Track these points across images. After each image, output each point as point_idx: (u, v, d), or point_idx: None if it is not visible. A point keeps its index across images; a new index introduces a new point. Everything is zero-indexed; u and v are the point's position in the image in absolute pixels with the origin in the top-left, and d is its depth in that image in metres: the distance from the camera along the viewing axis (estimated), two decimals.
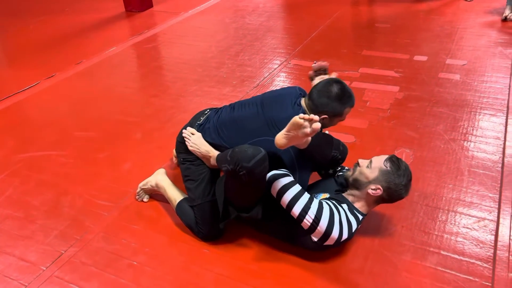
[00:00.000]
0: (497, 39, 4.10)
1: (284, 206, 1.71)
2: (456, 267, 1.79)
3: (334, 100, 1.87)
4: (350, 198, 1.84)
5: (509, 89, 3.19)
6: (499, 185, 2.24)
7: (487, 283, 1.72)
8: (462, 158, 2.46)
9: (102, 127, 2.98)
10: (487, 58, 3.69)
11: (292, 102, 1.92)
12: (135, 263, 1.89)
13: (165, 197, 2.16)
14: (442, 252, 1.87)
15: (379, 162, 1.79)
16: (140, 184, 2.25)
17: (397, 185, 1.75)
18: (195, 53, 4.19)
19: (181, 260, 1.89)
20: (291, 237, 1.87)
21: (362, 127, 2.81)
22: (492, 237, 1.93)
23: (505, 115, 2.86)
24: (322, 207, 1.69)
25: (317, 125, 1.53)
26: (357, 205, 1.82)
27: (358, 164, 1.85)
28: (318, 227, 1.67)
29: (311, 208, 1.67)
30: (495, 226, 1.99)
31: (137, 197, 2.26)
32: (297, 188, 1.72)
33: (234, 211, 1.85)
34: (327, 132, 2.27)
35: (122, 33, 4.86)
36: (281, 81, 3.52)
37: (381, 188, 1.75)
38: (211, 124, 2.02)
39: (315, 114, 1.81)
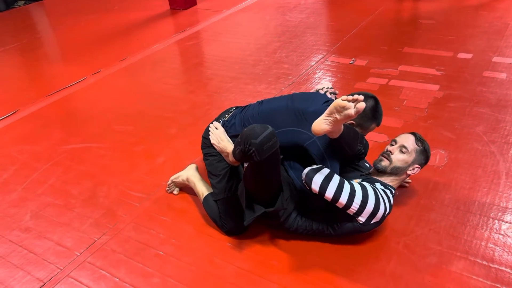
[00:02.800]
0: None
1: (330, 199, 1.72)
2: (483, 274, 1.73)
3: (367, 113, 1.94)
4: (380, 178, 1.91)
5: None
6: None
7: None
8: (501, 161, 2.35)
9: (140, 121, 3.10)
10: None
11: (322, 101, 1.94)
12: (161, 253, 1.96)
13: (194, 191, 2.22)
14: (469, 257, 1.81)
15: (412, 144, 1.93)
16: (172, 177, 2.33)
17: (427, 159, 1.98)
18: (233, 50, 4.24)
19: (205, 252, 1.95)
20: (331, 227, 1.86)
21: (396, 126, 2.74)
22: None
23: None
24: (366, 189, 1.75)
25: (362, 105, 1.54)
26: (389, 181, 1.91)
27: (389, 152, 1.91)
28: (366, 208, 1.73)
29: (356, 194, 1.72)
30: None
31: (167, 189, 2.34)
32: (337, 177, 1.74)
33: (259, 208, 1.84)
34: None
35: (166, 31, 5.00)
36: (317, 78, 3.50)
37: (419, 166, 1.94)
38: (237, 119, 2.07)
39: None
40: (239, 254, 1.92)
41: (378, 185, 1.85)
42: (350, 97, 1.55)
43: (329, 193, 1.70)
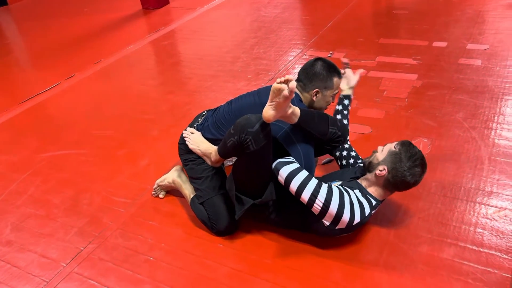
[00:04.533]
0: None
1: (293, 193, 1.71)
2: (474, 259, 1.75)
3: (320, 72, 1.95)
4: (364, 183, 1.84)
5: None
6: None
7: (507, 275, 1.67)
8: (482, 146, 2.39)
9: (120, 125, 3.03)
10: (511, 41, 3.56)
11: None
12: (151, 258, 1.92)
13: (182, 193, 2.19)
14: (460, 243, 1.83)
15: (391, 145, 1.82)
16: (158, 181, 2.28)
17: (402, 167, 1.73)
18: (210, 48, 4.20)
19: (196, 255, 1.91)
20: (304, 225, 1.87)
21: (379, 117, 2.76)
22: None
23: None
24: (332, 190, 1.69)
25: (293, 84, 1.57)
26: (370, 190, 1.82)
27: (376, 151, 1.87)
28: (329, 210, 1.66)
29: (320, 192, 1.67)
30: None
31: (153, 193, 2.29)
32: (304, 173, 1.71)
33: (248, 200, 1.83)
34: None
35: (140, 31, 4.91)
36: (296, 73, 3.48)
37: (386, 168, 1.75)
38: (209, 122, 2.08)
39: (305, 92, 1.98)
40: (231, 255, 1.90)
41: (356, 191, 1.77)
42: (283, 79, 1.60)
43: (293, 186, 1.69)
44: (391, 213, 2.02)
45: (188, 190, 2.14)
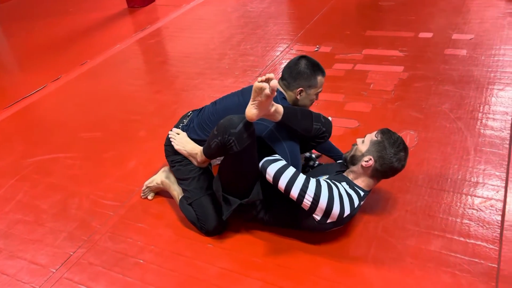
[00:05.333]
0: (506, 9, 3.97)
1: (282, 190, 1.71)
2: (461, 250, 1.77)
3: (304, 71, 1.94)
4: (350, 176, 1.85)
5: None
6: (506, 163, 2.19)
7: (493, 265, 1.69)
8: (468, 137, 2.41)
9: (107, 126, 3.02)
10: (495, 31, 3.58)
11: None
12: (141, 261, 1.92)
13: (170, 194, 2.18)
14: (447, 235, 1.85)
15: (371, 135, 1.84)
16: (146, 182, 2.27)
17: (388, 154, 1.76)
18: (197, 45, 4.18)
19: (186, 256, 1.91)
20: (294, 222, 1.87)
21: (366, 111, 2.77)
22: (499, 217, 1.90)
23: None
24: (320, 185, 1.70)
25: (274, 82, 1.57)
26: (357, 181, 1.83)
27: (355, 144, 1.88)
28: (319, 204, 1.67)
29: (309, 187, 1.67)
30: (502, 206, 1.96)
31: (142, 195, 2.29)
32: (291, 170, 1.72)
33: (235, 200, 1.84)
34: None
35: (126, 30, 4.87)
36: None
37: (372, 158, 1.77)
38: (195, 123, 2.08)
39: (291, 92, 1.97)
40: (221, 255, 1.90)
41: (343, 184, 1.78)
42: (264, 77, 1.59)
43: (282, 184, 1.69)
44: (379, 207, 2.03)
45: (176, 191, 2.14)
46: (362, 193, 1.81)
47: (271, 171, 1.72)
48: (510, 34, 3.49)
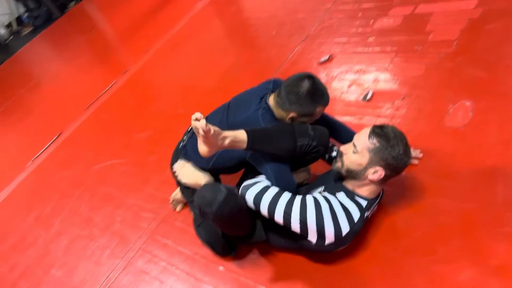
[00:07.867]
0: None
1: (267, 217, 1.56)
2: None
3: (304, 98, 1.61)
4: (349, 186, 1.58)
5: None
6: None
7: None
8: None
9: (158, 123, 3.07)
10: None
11: (257, 102, 1.70)
12: (162, 284, 1.98)
13: None
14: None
15: (364, 142, 1.51)
16: (172, 194, 2.28)
17: (396, 157, 1.47)
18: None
19: (196, 278, 1.91)
20: (296, 246, 1.69)
21: (416, 75, 2.27)
22: None
23: None
24: (305, 203, 1.49)
25: (203, 122, 1.37)
26: (360, 190, 1.56)
27: (341, 153, 1.58)
28: (308, 226, 1.48)
29: (293, 209, 1.49)
30: None
31: (171, 206, 2.31)
32: (271, 192, 1.54)
33: (238, 241, 1.79)
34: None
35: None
36: (335, 25, 3.03)
37: (380, 168, 1.49)
38: (188, 144, 1.94)
39: (283, 112, 1.67)
40: (228, 279, 1.84)
41: (340, 195, 1.54)
42: (194, 117, 1.39)
43: (263, 209, 1.54)
44: (400, 220, 1.70)
45: None
46: (364, 203, 1.54)
47: (249, 198, 1.58)
48: None
